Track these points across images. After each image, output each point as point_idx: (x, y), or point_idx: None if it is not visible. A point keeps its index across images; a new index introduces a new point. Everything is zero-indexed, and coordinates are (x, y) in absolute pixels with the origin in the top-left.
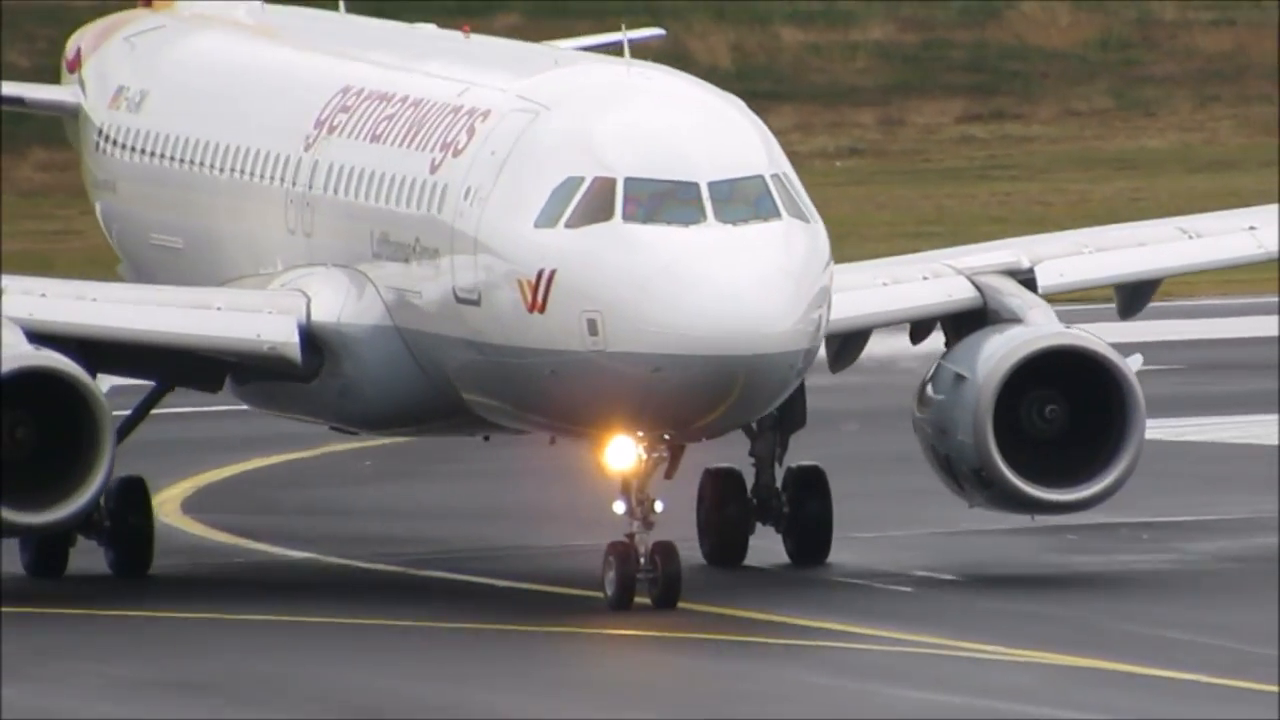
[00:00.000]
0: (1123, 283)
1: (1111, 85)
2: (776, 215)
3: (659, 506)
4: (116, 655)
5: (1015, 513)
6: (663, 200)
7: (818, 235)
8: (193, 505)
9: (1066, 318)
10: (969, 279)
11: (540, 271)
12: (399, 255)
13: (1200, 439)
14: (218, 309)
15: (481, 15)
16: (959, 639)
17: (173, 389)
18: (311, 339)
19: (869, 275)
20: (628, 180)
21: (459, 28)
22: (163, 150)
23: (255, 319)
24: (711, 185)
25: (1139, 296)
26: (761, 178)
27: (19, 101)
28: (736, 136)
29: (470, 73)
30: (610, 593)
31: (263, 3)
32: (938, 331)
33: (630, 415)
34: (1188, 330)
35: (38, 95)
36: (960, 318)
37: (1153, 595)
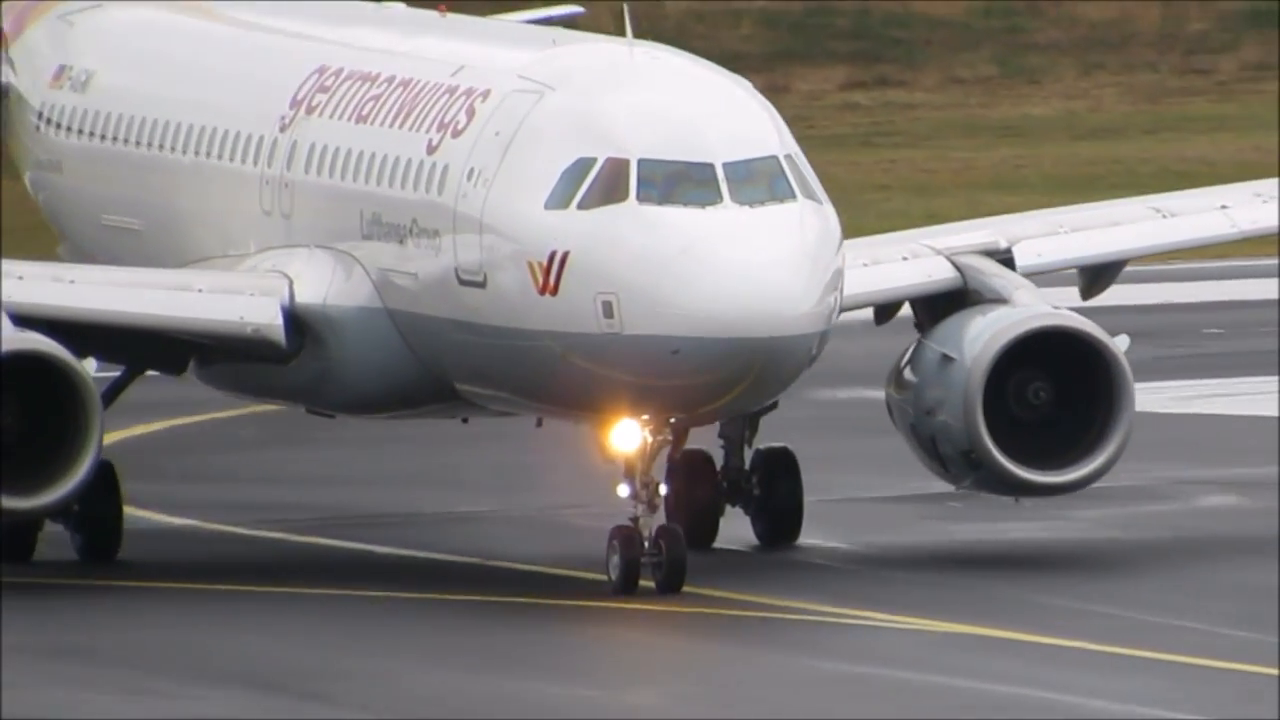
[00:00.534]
0: (1099, 263)
1: (996, 53)
2: (792, 196)
3: (663, 490)
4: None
5: (1003, 495)
6: (678, 181)
7: (830, 217)
8: None
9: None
10: (948, 259)
11: (553, 253)
12: (393, 236)
13: None
14: (199, 291)
15: None
16: (842, 606)
17: (142, 373)
18: (295, 321)
19: (849, 256)
20: (641, 161)
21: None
22: (115, 131)
23: (238, 301)
24: (727, 166)
25: (1104, 277)
26: (775, 158)
27: None
28: (748, 116)
29: (461, 52)
30: (615, 577)
31: None
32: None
33: (645, 398)
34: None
35: None
36: (937, 298)
37: (1034, 564)
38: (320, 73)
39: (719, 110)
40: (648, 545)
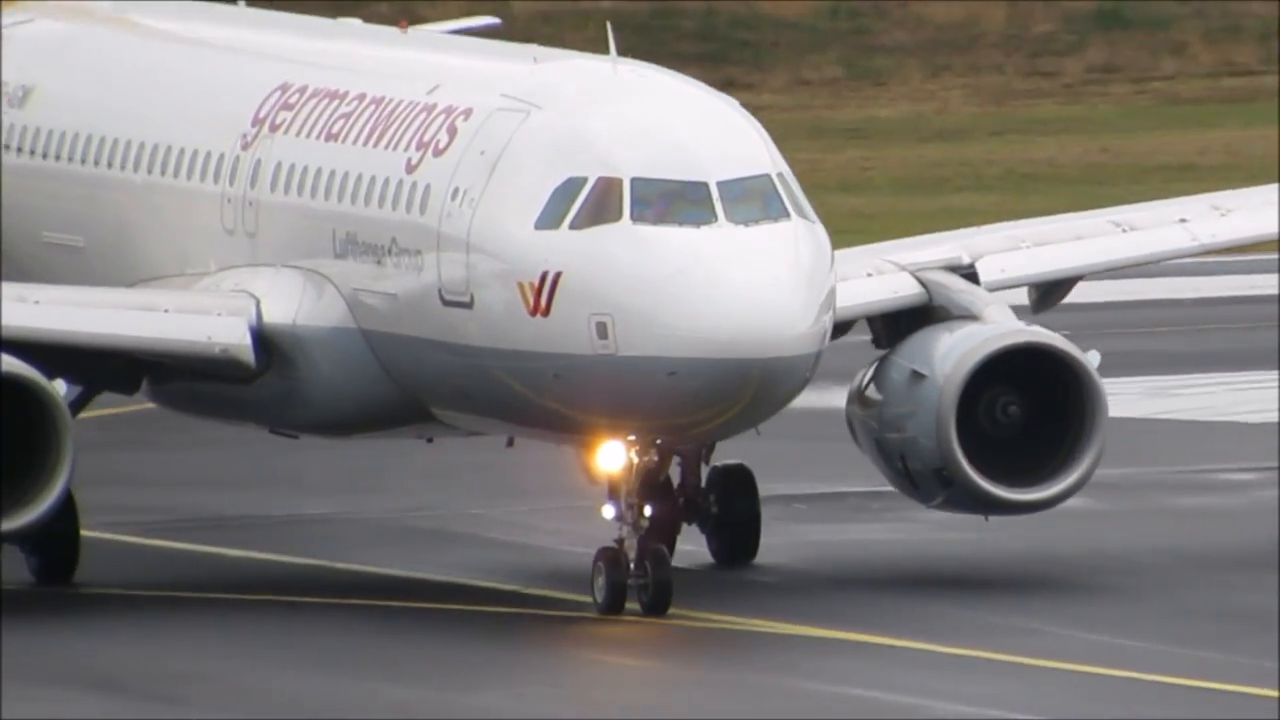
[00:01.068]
0: (1060, 279)
1: (842, 54)
2: (786, 215)
3: (649, 511)
4: None
5: (975, 512)
6: (672, 200)
7: (822, 235)
8: None
9: None
10: (913, 275)
11: (544, 273)
12: (369, 256)
13: None
14: (166, 311)
15: None
16: (695, 610)
17: (100, 392)
18: (263, 340)
19: None
20: (635, 181)
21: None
22: (58, 148)
23: (205, 321)
24: (721, 185)
25: (1056, 293)
26: (768, 176)
27: None
28: (739, 134)
29: (434, 70)
30: (600, 599)
31: None
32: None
33: (638, 419)
34: None
35: None
36: (899, 314)
37: (877, 565)
38: (283, 90)
39: (710, 128)
40: (633, 567)
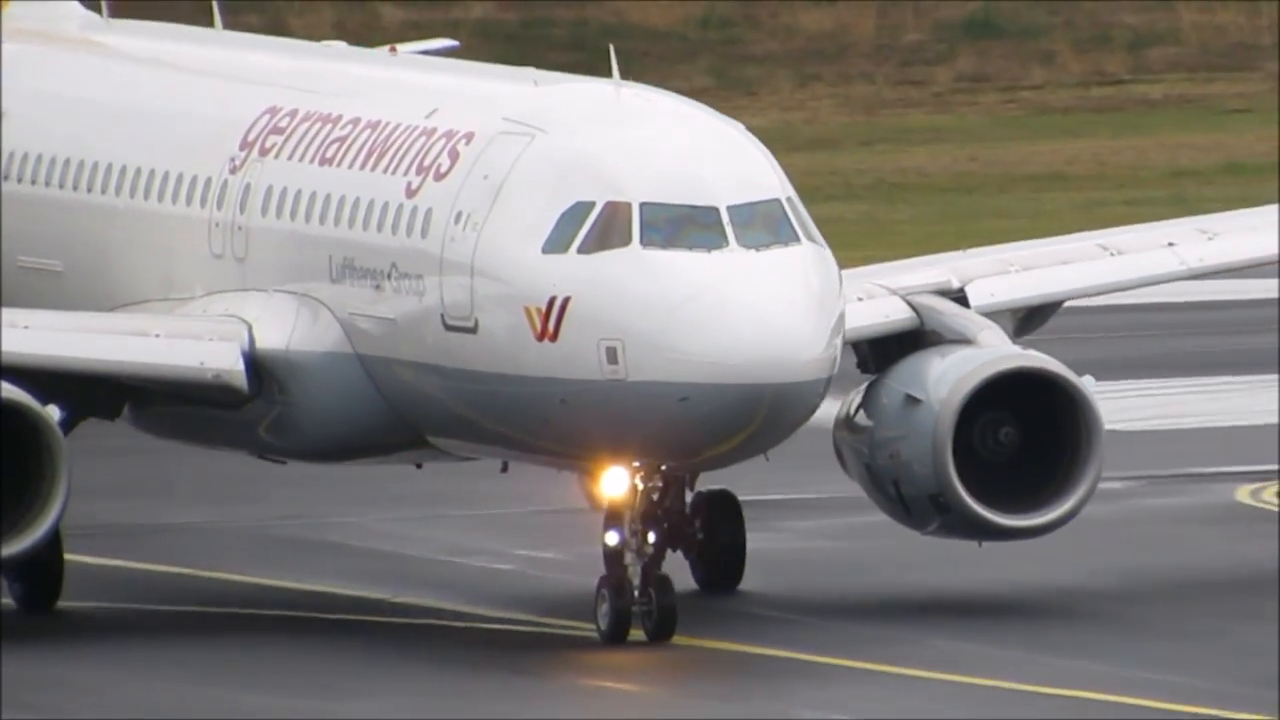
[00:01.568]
0: (1048, 303)
1: (712, 64)
2: (796, 240)
3: (652, 537)
4: None
5: (971, 539)
6: (682, 225)
7: (830, 260)
8: None
9: None
10: (904, 299)
11: (552, 298)
12: (367, 281)
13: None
14: (157, 336)
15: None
16: (545, 615)
17: (84, 418)
18: (255, 366)
19: None
20: (644, 205)
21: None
22: (34, 171)
23: (197, 346)
24: (731, 209)
25: (1039, 317)
26: (778, 201)
27: None
28: (747, 158)
29: (431, 93)
30: (604, 626)
31: (106, 18)
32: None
33: (647, 445)
34: None
35: None
36: (889, 339)
37: (760, 574)
38: (272, 113)
39: (717, 152)
40: (637, 594)
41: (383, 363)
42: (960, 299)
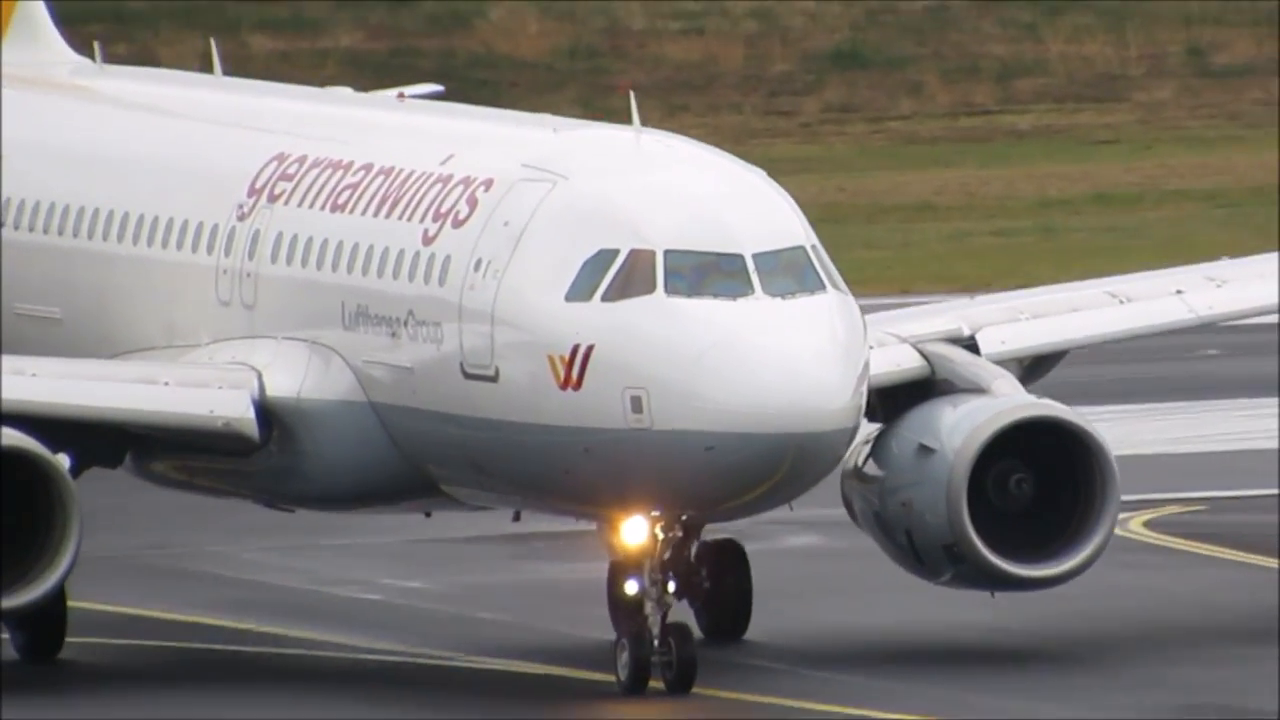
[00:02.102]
0: (1059, 351)
1: (580, 94)
2: (821, 288)
3: (672, 586)
4: None
5: (985, 589)
6: (707, 272)
7: (855, 308)
8: None
9: None
10: (915, 347)
11: (575, 346)
12: (383, 329)
13: None
14: (165, 384)
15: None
16: (413, 645)
17: (89, 467)
18: (265, 413)
19: None
20: (668, 252)
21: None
22: (32, 218)
23: (207, 394)
24: (756, 257)
25: (1045, 365)
26: (803, 248)
27: None
28: (771, 205)
29: (446, 139)
30: (624, 676)
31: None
32: None
33: (671, 495)
34: None
35: None
36: (898, 387)
37: (569, 601)
38: (280, 159)
39: (741, 199)
40: (657, 643)
41: (397, 411)
42: (971, 346)
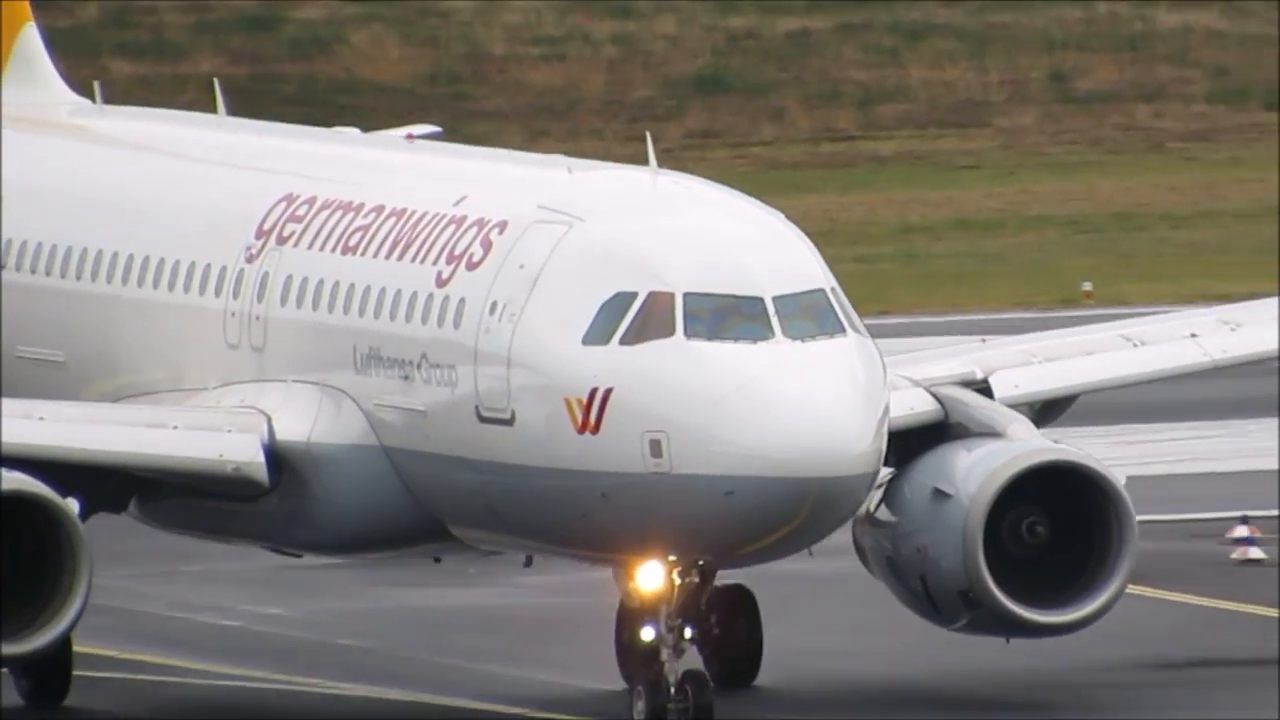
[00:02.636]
0: (1072, 394)
1: (442, 119)
2: (841, 331)
3: (689, 633)
4: None
5: (1000, 635)
6: (726, 315)
7: (874, 351)
8: None
9: None
10: (928, 391)
11: (594, 390)
12: (395, 372)
13: None
14: (174, 428)
15: None
16: (272, 671)
17: (97, 512)
18: (276, 458)
19: None
20: (688, 295)
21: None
22: (34, 260)
23: (216, 438)
24: (776, 300)
25: (1058, 408)
26: (823, 291)
27: None
28: (789, 248)
29: (458, 180)
30: None
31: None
32: None
33: (690, 539)
34: None
35: None
36: (910, 432)
37: (476, 629)
38: (289, 201)
39: (761, 241)
40: (673, 691)
41: (410, 455)
42: (984, 390)
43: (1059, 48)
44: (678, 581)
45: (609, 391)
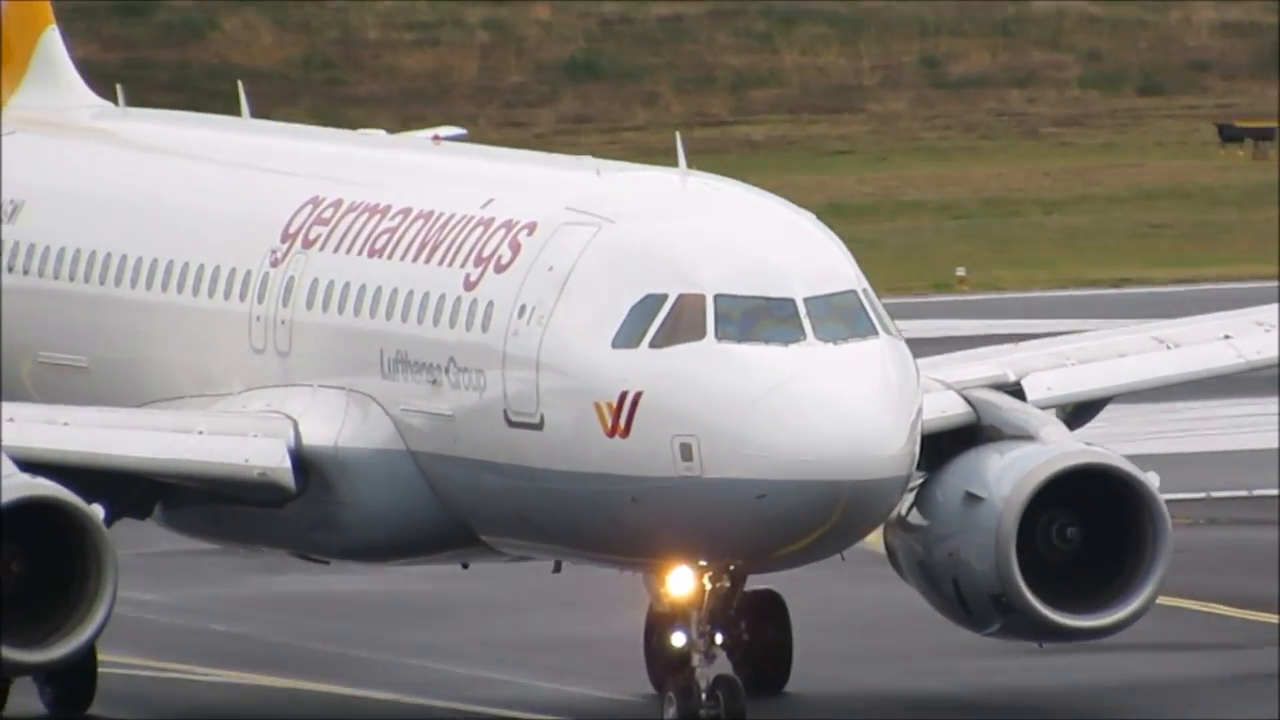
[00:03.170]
0: (1105, 397)
1: (315, 105)
2: (874, 333)
3: (720, 638)
4: None
5: (1033, 640)
6: (758, 318)
7: (907, 353)
8: None
9: None
10: (960, 394)
11: (624, 393)
12: (422, 376)
13: None
14: (200, 433)
15: None
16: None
17: (121, 518)
18: (302, 463)
19: None
20: (718, 297)
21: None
22: (56, 265)
23: (242, 443)
24: (808, 301)
25: (1090, 411)
26: (854, 293)
27: None
28: (821, 249)
29: (485, 182)
30: None
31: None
32: None
33: (720, 544)
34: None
35: None
36: (940, 435)
37: (356, 616)
38: (314, 204)
39: (791, 243)
40: (704, 697)
41: (438, 460)
42: (1016, 392)
43: (932, 33)
44: (708, 587)
45: (639, 395)
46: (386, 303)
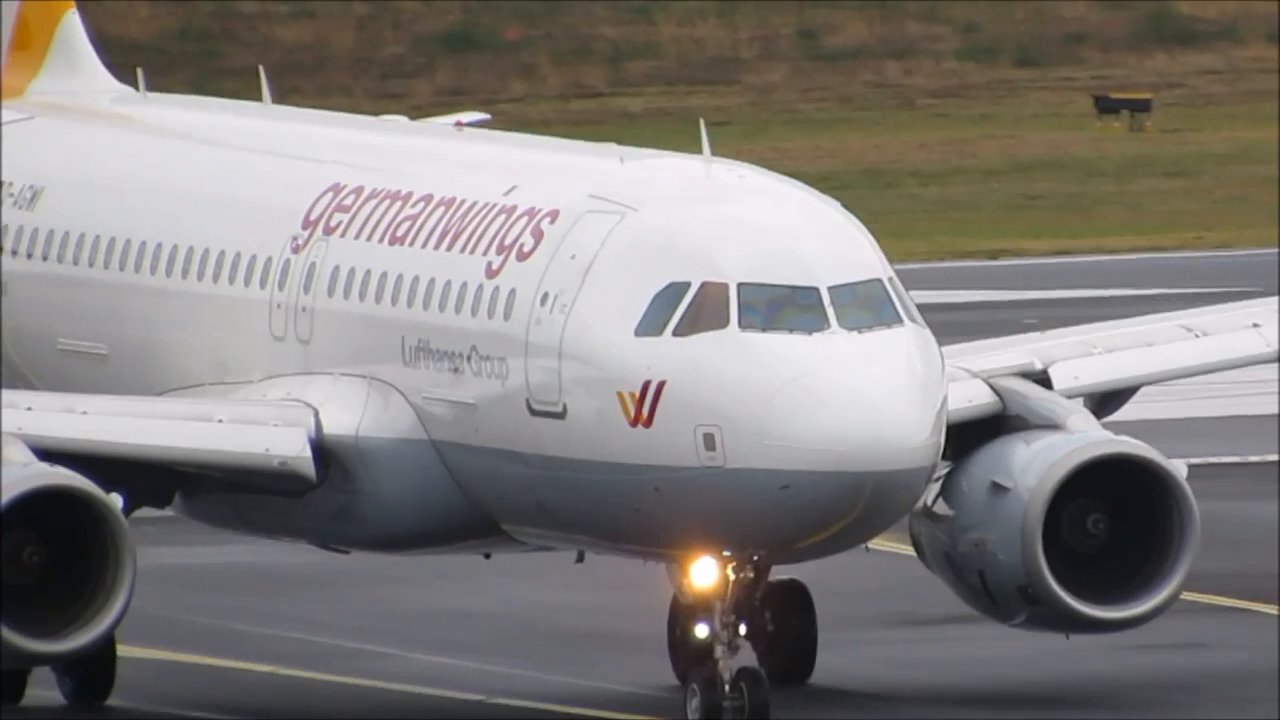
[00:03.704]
0: (1133, 386)
1: (190, 77)
2: (899, 321)
3: (743, 629)
4: None
5: (1060, 631)
6: (781, 306)
7: (932, 342)
8: None
9: None
10: (986, 383)
11: (646, 382)
12: (444, 364)
13: None
14: (220, 421)
15: None
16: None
17: (140, 507)
18: (322, 452)
19: None
20: (742, 286)
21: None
22: (76, 251)
23: (262, 432)
24: (832, 290)
25: (1118, 400)
26: (880, 281)
27: None
28: (846, 237)
29: (508, 169)
30: None
31: (144, 91)
32: None
33: (743, 534)
34: None
35: None
36: (966, 424)
37: (233, 588)
38: (335, 191)
39: (816, 231)
40: (728, 688)
41: (459, 449)
42: (1043, 381)
43: (809, 4)
44: (732, 577)
45: (662, 384)
46: (408, 290)
